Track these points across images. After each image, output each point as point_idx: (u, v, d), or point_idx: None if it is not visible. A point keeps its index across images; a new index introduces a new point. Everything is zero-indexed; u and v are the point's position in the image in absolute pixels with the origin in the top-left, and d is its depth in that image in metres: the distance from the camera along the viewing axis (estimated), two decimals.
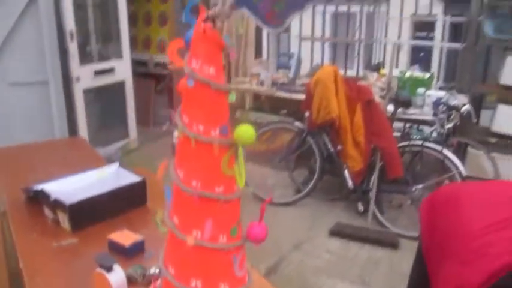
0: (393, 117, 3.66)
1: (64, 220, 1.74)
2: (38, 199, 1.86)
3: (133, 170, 2.12)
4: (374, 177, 3.56)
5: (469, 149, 4.36)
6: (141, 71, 5.95)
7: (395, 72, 4.24)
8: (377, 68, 4.69)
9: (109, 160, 4.42)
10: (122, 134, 5.17)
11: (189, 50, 0.89)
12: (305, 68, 5.09)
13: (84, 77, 4.48)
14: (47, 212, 1.82)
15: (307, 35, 5.44)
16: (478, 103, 4.51)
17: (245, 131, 0.86)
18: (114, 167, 2.15)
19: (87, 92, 4.57)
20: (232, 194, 0.90)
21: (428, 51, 8.21)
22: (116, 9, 4.84)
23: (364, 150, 3.57)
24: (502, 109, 4.28)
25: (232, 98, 0.88)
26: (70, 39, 4.26)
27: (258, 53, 5.86)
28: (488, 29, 4.38)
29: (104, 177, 2.04)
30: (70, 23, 4.24)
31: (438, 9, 12.43)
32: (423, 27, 7.93)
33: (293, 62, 4.58)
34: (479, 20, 4.50)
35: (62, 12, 4.13)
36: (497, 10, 4.65)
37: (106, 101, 5.04)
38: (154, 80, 6.10)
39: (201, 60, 0.84)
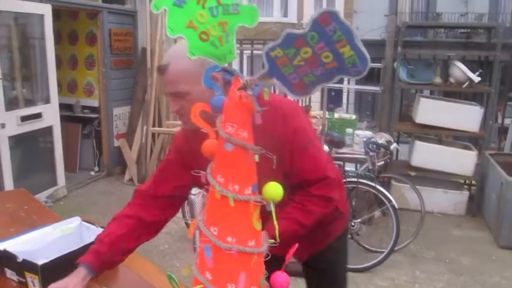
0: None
1: (34, 283, 1.65)
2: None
3: (94, 223, 2.07)
4: None
5: (393, 182, 4.75)
6: (66, 115, 5.74)
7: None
8: (306, 110, 4.97)
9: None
10: (50, 182, 4.91)
11: (217, 114, 0.97)
12: None
13: (10, 123, 4.25)
14: (11, 274, 1.71)
15: None
16: (396, 139, 4.96)
17: (274, 188, 0.95)
18: (77, 221, 2.07)
19: (12, 138, 4.32)
20: (261, 247, 0.97)
21: (337, 90, 8.85)
22: (44, 53, 4.68)
23: None
24: (419, 145, 4.75)
25: (257, 158, 0.97)
26: None
27: None
28: (402, 74, 4.89)
29: (67, 232, 1.96)
30: None
31: None
32: None
33: None
34: (394, 65, 5.02)
35: None
36: (409, 57, 5.23)
37: (32, 147, 4.78)
38: (80, 124, 5.90)
39: (237, 125, 0.92)
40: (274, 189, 0.95)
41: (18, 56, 4.54)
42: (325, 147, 3.99)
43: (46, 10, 4.57)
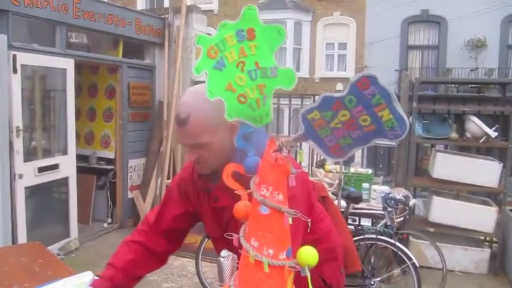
0: (346, 213, 3.84)
1: None
2: None
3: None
4: None
5: (411, 238, 4.63)
6: (82, 166, 5.78)
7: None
8: (322, 164, 4.96)
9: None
10: (63, 233, 4.87)
11: (250, 175, 0.95)
12: None
13: (28, 174, 4.28)
14: None
15: None
16: (412, 193, 4.88)
17: (309, 253, 0.92)
18: (89, 276, 2.02)
19: (28, 189, 4.34)
20: None
21: None
22: (65, 104, 4.79)
23: None
24: (437, 201, 4.67)
25: (290, 220, 0.94)
26: (16, 135, 4.13)
27: None
28: (417, 129, 4.89)
29: (81, 287, 1.91)
30: (17, 119, 4.13)
31: None
32: None
33: None
34: (410, 120, 5.03)
35: (10, 108, 4.03)
36: (423, 112, 5.25)
37: (47, 198, 4.79)
38: (95, 175, 5.93)
39: (272, 188, 0.91)
40: (309, 254, 0.92)
41: (39, 107, 4.65)
42: (343, 203, 3.93)
43: (69, 65, 4.72)
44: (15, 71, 4.07)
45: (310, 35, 15.17)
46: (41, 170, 4.46)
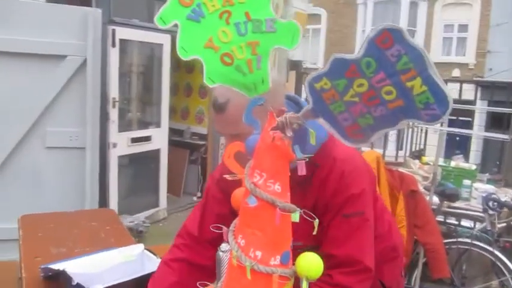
0: (438, 211, 3.43)
1: None
2: (58, 280, 1.72)
3: (160, 255, 1.97)
4: (416, 275, 3.27)
5: None
6: (176, 140, 5.97)
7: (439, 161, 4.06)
8: (419, 155, 4.51)
9: (136, 231, 4.31)
10: (152, 203, 5.08)
11: (251, 157, 0.77)
12: None
13: (121, 143, 4.49)
14: None
15: None
16: None
17: (311, 261, 0.72)
18: (139, 249, 2.00)
19: (121, 158, 4.56)
20: None
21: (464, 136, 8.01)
22: (160, 79, 4.93)
23: (406, 244, 3.31)
24: None
25: (296, 218, 0.74)
26: (112, 106, 4.33)
27: None
28: None
29: (128, 259, 1.89)
30: (114, 90, 4.33)
31: (470, 94, 12.36)
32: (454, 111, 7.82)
33: None
34: None
35: (107, 79, 4.22)
36: None
37: (138, 168, 5.00)
38: (188, 150, 6.08)
39: (266, 174, 0.71)
40: (312, 263, 0.71)
41: (135, 81, 4.84)
42: (435, 199, 3.52)
43: (165, 40, 4.82)
44: (113, 44, 4.25)
45: (427, 16, 14.04)
46: (134, 140, 4.66)
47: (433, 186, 3.56)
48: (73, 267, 1.72)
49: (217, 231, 0.77)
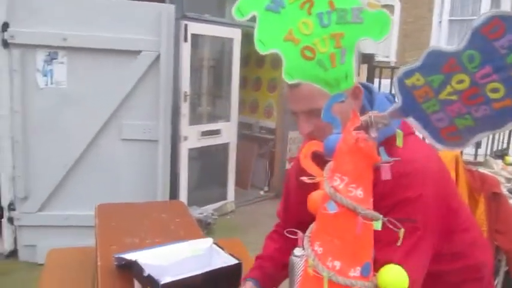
0: None
1: None
2: (129, 268, 1.77)
3: (226, 247, 1.98)
4: (497, 284, 3.04)
5: None
6: (245, 133, 6.00)
7: None
8: (502, 154, 4.19)
9: (204, 222, 4.39)
10: (220, 196, 5.15)
11: (329, 158, 0.71)
12: None
13: (192, 136, 4.58)
14: (137, 285, 1.72)
15: None
16: None
17: (395, 276, 0.65)
18: (208, 243, 2.01)
19: (191, 151, 4.65)
20: None
21: None
22: (230, 73, 4.98)
23: None
24: None
25: (378, 226, 0.68)
26: (183, 100, 4.42)
27: None
28: None
29: (197, 253, 1.91)
30: (185, 85, 4.42)
31: None
32: None
33: None
34: None
35: (180, 73, 4.32)
36: None
37: (207, 161, 5.09)
38: (256, 144, 6.10)
39: (348, 178, 0.66)
40: (396, 276, 0.65)
41: (206, 75, 4.92)
42: None
43: (236, 35, 4.85)
44: (185, 39, 4.34)
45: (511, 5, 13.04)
46: (204, 134, 4.74)
47: None
48: (145, 258, 1.76)
49: (292, 236, 0.73)
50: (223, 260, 1.84)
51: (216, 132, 4.89)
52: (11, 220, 3.69)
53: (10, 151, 3.59)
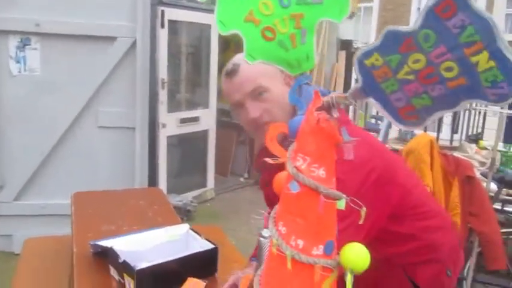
0: (496, 198, 3.24)
1: (130, 285, 1.62)
2: (105, 255, 1.77)
3: (204, 233, 1.99)
4: (470, 265, 3.12)
5: None
6: (224, 120, 5.98)
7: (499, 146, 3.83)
8: (476, 139, 4.27)
9: (184, 210, 4.39)
10: (199, 183, 5.14)
11: (293, 139, 0.72)
12: (395, 132, 4.78)
13: (170, 124, 4.55)
14: (113, 272, 1.72)
15: None
16: None
17: (357, 253, 0.66)
18: (184, 228, 2.02)
19: (170, 138, 4.63)
20: None
21: None
22: (208, 60, 4.94)
23: (460, 232, 3.17)
24: None
25: (341, 205, 0.69)
26: (161, 87, 4.38)
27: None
28: None
29: (173, 238, 1.92)
30: (163, 71, 4.37)
31: None
32: None
33: (383, 126, 4.29)
34: None
35: (157, 60, 4.26)
36: None
37: (186, 149, 5.07)
38: (236, 131, 6.09)
39: (310, 158, 0.66)
40: (358, 254, 0.66)
41: (185, 62, 4.87)
42: (493, 186, 3.33)
43: (213, 20, 4.79)
44: (162, 25, 4.28)
45: None
46: (183, 121, 4.71)
47: (491, 172, 3.37)
48: (120, 244, 1.76)
49: (257, 217, 0.74)
50: (199, 245, 1.85)
51: (195, 119, 4.86)
52: None
53: None
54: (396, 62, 0.59)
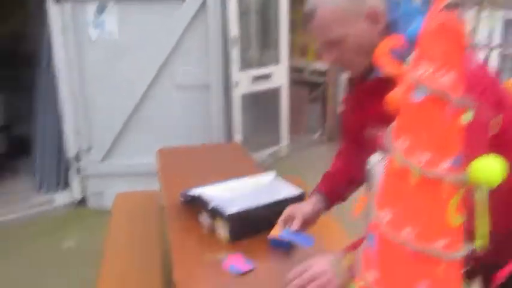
0: None
1: (221, 230, 1.66)
2: (195, 204, 1.82)
3: (290, 182, 1.99)
4: None
5: None
6: (296, 78, 5.89)
7: None
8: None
9: (261, 166, 4.42)
10: (273, 140, 5.15)
11: (413, 49, 0.66)
12: None
13: (243, 82, 4.54)
14: (203, 218, 1.76)
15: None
16: None
17: (489, 165, 0.60)
18: (271, 177, 2.03)
19: (244, 97, 4.63)
20: (457, 252, 0.64)
21: None
22: (278, 16, 4.83)
23: None
24: None
25: (469, 116, 0.62)
26: (233, 45, 4.36)
27: None
28: None
29: (260, 186, 1.94)
30: (234, 29, 4.33)
31: None
32: None
33: None
34: None
35: (227, 18, 4.23)
36: None
37: (260, 106, 5.06)
38: (308, 88, 5.99)
39: (436, 64, 0.60)
40: (491, 167, 0.60)
41: (255, 19, 4.80)
42: None
43: None
44: None
45: None
46: (255, 79, 4.68)
47: None
48: (210, 192, 1.81)
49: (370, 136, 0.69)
50: (286, 191, 1.85)
51: (267, 76, 4.82)
52: (78, 170, 3.88)
53: (71, 105, 3.73)
54: None
